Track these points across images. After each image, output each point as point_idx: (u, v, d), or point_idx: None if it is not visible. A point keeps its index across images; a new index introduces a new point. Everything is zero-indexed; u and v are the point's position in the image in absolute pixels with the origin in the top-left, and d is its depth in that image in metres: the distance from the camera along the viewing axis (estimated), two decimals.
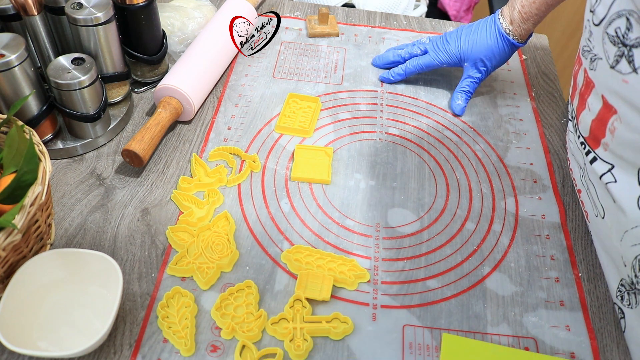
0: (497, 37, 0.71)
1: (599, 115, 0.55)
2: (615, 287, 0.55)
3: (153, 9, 0.70)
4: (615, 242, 0.53)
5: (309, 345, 0.50)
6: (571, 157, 0.65)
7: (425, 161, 0.69)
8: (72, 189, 0.62)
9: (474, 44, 0.72)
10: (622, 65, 0.49)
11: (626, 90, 0.49)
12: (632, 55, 0.48)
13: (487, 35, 0.72)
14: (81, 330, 0.50)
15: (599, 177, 0.55)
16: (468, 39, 0.72)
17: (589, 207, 0.60)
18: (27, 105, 0.60)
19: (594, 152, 0.56)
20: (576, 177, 0.63)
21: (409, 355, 0.50)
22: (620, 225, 0.52)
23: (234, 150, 0.67)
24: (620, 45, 0.49)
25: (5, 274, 0.50)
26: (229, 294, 0.53)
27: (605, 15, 0.52)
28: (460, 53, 0.73)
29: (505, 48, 0.72)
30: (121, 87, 0.70)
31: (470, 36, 0.73)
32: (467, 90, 0.75)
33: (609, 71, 0.51)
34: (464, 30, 0.74)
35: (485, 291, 0.56)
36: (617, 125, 0.51)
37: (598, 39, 0.54)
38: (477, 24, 0.73)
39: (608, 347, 0.53)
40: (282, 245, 0.58)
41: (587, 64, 0.57)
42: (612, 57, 0.51)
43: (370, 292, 0.55)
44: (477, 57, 0.72)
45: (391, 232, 0.60)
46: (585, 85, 0.58)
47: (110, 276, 0.50)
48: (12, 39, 0.57)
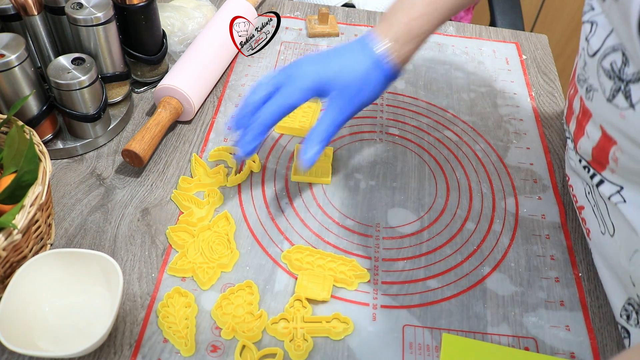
0: (374, 62, 0.53)
1: (600, 144, 0.52)
2: (620, 306, 0.52)
3: (153, 9, 0.70)
4: (624, 261, 0.51)
5: (309, 345, 0.50)
6: (571, 173, 0.61)
7: (425, 161, 0.69)
8: (72, 189, 0.62)
9: (340, 72, 0.53)
10: (619, 100, 0.46)
11: (624, 125, 0.47)
12: (629, 91, 0.45)
13: (360, 59, 0.54)
14: (81, 330, 0.50)
15: (607, 197, 0.52)
16: (332, 67, 0.54)
17: (594, 224, 0.56)
18: (27, 105, 0.60)
19: (600, 174, 0.53)
20: (578, 193, 0.59)
21: (409, 355, 0.50)
22: (631, 244, 0.49)
23: (234, 150, 0.67)
24: (617, 80, 0.47)
25: (5, 274, 0.50)
26: (229, 294, 0.53)
27: (600, 47, 0.50)
28: (322, 80, 0.53)
29: (380, 77, 0.54)
30: (121, 87, 0.70)
31: (337, 60, 0.54)
32: (326, 136, 0.54)
33: (605, 104, 0.49)
34: (326, 55, 0.55)
35: (485, 291, 0.56)
36: (619, 155, 0.49)
37: (593, 71, 0.51)
38: (346, 46, 0.56)
39: (608, 347, 0.53)
40: (282, 245, 0.58)
41: (582, 93, 0.54)
42: (609, 90, 0.48)
43: (370, 292, 0.55)
44: (344, 87, 0.54)
45: (391, 232, 0.60)
46: (583, 113, 0.56)
47: (111, 276, 0.50)
48: (12, 39, 0.57)
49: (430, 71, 0.82)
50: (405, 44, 0.54)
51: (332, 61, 0.54)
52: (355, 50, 0.55)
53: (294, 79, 0.54)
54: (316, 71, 0.54)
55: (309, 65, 0.54)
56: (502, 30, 0.92)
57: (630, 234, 0.49)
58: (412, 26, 0.54)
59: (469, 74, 0.82)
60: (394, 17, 0.55)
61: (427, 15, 0.54)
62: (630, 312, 0.51)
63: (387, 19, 0.55)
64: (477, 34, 0.91)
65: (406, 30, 0.54)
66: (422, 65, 0.83)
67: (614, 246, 0.52)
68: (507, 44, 0.89)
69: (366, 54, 0.54)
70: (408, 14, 0.54)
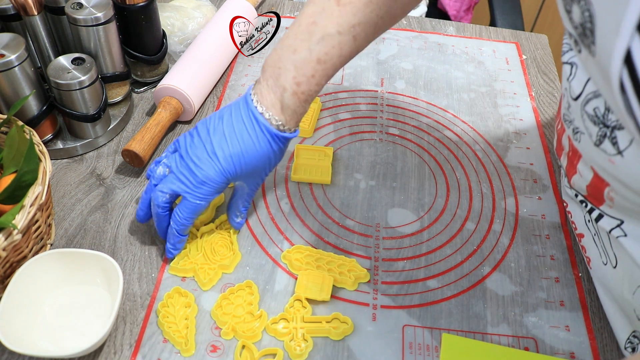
0: (269, 140, 0.49)
1: (593, 183, 0.51)
2: (624, 338, 0.51)
3: (153, 9, 0.70)
4: (627, 294, 0.49)
5: (309, 346, 0.50)
6: (569, 200, 0.59)
7: (425, 161, 0.69)
8: (72, 189, 0.62)
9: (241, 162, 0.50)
10: (607, 146, 0.44)
11: (614, 170, 0.45)
12: (615, 137, 0.43)
13: (256, 141, 0.49)
14: (81, 330, 0.50)
15: (607, 232, 0.50)
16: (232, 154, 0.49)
17: (594, 253, 0.54)
18: (27, 105, 0.60)
19: (598, 209, 0.51)
20: (577, 220, 0.57)
21: (409, 355, 0.50)
22: (634, 278, 0.48)
23: None
24: (602, 126, 0.44)
25: (5, 274, 0.50)
26: (229, 294, 0.53)
27: (581, 92, 0.47)
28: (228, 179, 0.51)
29: (278, 148, 0.51)
30: (121, 87, 0.70)
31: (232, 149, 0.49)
32: (245, 207, 0.57)
33: (593, 148, 0.46)
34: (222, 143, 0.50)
35: (485, 291, 0.56)
36: (614, 196, 0.48)
37: (577, 114, 0.48)
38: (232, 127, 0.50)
39: (608, 347, 0.53)
40: (282, 245, 0.58)
41: (570, 133, 0.52)
42: (595, 135, 0.46)
43: (370, 292, 0.55)
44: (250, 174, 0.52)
45: (391, 232, 0.60)
46: (572, 152, 0.54)
47: (111, 276, 0.50)
48: (12, 39, 0.57)
49: (430, 71, 0.82)
50: (295, 112, 0.50)
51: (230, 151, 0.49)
52: (249, 128, 0.49)
53: (197, 184, 0.50)
54: (220, 172, 0.50)
55: (210, 167, 0.50)
56: (502, 30, 0.92)
57: (633, 268, 0.48)
58: (302, 91, 0.49)
59: (469, 74, 0.82)
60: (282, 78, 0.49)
61: (316, 77, 0.49)
62: (636, 345, 0.49)
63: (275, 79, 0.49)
64: (477, 34, 0.91)
65: (295, 97, 0.49)
66: (422, 65, 0.83)
67: (617, 278, 0.50)
68: (507, 44, 0.89)
69: (259, 133, 0.49)
70: (296, 77, 0.48)
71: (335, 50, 0.48)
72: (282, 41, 0.50)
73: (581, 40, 0.38)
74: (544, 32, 0.94)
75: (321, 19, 0.48)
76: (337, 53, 0.49)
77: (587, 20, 0.36)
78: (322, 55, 0.48)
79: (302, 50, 0.48)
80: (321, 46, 0.48)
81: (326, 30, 0.48)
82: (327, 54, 0.48)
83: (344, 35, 0.48)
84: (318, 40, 0.48)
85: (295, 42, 0.49)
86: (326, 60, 0.49)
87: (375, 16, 0.49)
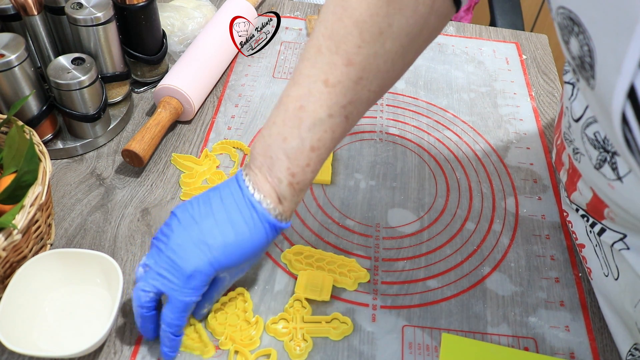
0: (266, 230, 0.46)
1: (592, 202, 0.51)
2: (626, 350, 0.50)
3: (153, 9, 0.70)
4: (628, 307, 0.48)
5: (308, 346, 0.50)
6: (570, 211, 0.58)
7: (425, 161, 0.69)
8: (72, 189, 0.62)
9: (235, 252, 0.45)
10: (606, 171, 0.44)
11: (614, 195, 0.45)
12: (615, 163, 0.43)
13: (252, 230, 0.45)
14: (81, 330, 0.50)
15: (610, 245, 0.50)
16: (224, 246, 0.45)
17: (595, 264, 0.54)
18: (27, 105, 0.60)
19: (600, 223, 0.51)
20: (578, 231, 0.57)
21: (409, 355, 0.50)
22: (636, 291, 0.48)
23: (237, 144, 0.68)
24: (602, 150, 0.44)
25: (5, 274, 0.50)
26: (221, 304, 0.52)
27: (582, 114, 0.47)
28: (218, 273, 0.46)
29: (271, 238, 0.47)
30: (121, 87, 0.70)
31: (225, 238, 0.45)
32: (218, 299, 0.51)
33: (593, 171, 0.46)
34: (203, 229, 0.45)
35: (485, 291, 0.56)
36: (614, 216, 0.48)
37: (577, 135, 0.48)
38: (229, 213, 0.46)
39: (608, 347, 0.53)
40: (282, 245, 0.58)
41: (570, 152, 0.52)
42: (595, 159, 0.45)
43: (370, 292, 0.55)
44: (240, 263, 0.47)
45: (391, 232, 0.60)
46: (573, 170, 0.54)
47: (111, 276, 0.50)
48: (12, 39, 0.57)
49: (430, 71, 0.82)
50: (292, 200, 0.47)
51: (226, 240, 0.45)
52: (247, 218, 0.45)
53: (184, 279, 0.45)
54: (211, 263, 0.45)
55: (197, 257, 0.45)
56: (502, 30, 0.92)
57: (635, 280, 0.48)
58: (298, 181, 0.46)
59: (469, 74, 0.82)
60: (275, 168, 0.45)
61: (311, 165, 0.46)
62: (638, 358, 0.49)
63: (269, 169, 0.45)
64: (477, 34, 0.91)
65: (291, 187, 0.46)
66: (422, 65, 0.83)
67: (618, 290, 0.50)
68: (507, 43, 0.89)
69: (257, 222, 0.45)
70: (290, 168, 0.45)
71: (327, 134, 0.45)
72: (269, 127, 0.46)
73: (579, 72, 0.36)
74: (544, 32, 0.94)
75: (309, 103, 0.44)
76: (329, 137, 0.45)
77: (587, 54, 0.34)
78: (315, 142, 0.45)
79: (292, 139, 0.44)
80: (313, 133, 0.44)
81: (316, 116, 0.44)
82: (320, 140, 0.45)
83: (336, 117, 0.44)
84: (309, 128, 0.44)
85: (285, 129, 0.45)
86: (320, 146, 0.45)
87: (367, 92, 0.45)
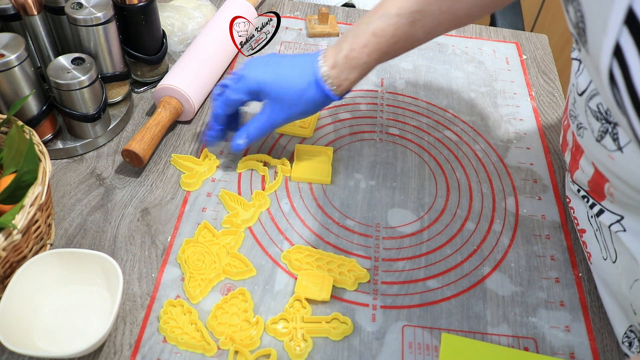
0: (310, 82, 0.56)
1: (593, 179, 0.52)
2: (622, 332, 0.52)
3: (153, 9, 0.70)
4: (624, 289, 0.50)
5: (308, 346, 0.50)
6: (572, 196, 0.60)
7: (425, 161, 0.69)
8: (72, 189, 0.62)
9: (279, 81, 0.57)
10: (607, 142, 0.46)
11: (613, 166, 0.47)
12: (617, 133, 0.44)
13: (300, 75, 0.56)
14: (81, 330, 0.50)
15: (607, 226, 0.52)
16: (273, 76, 0.57)
17: (595, 248, 0.55)
18: (27, 105, 0.60)
19: (599, 204, 0.53)
20: (580, 216, 0.58)
21: (409, 355, 0.50)
22: (632, 273, 0.49)
23: (263, 157, 0.66)
24: (604, 122, 0.46)
25: (5, 274, 0.50)
26: (222, 303, 0.52)
27: (587, 87, 0.49)
28: (260, 86, 0.57)
29: (316, 97, 0.56)
30: (121, 87, 0.70)
31: (280, 70, 0.57)
32: (252, 135, 0.61)
33: (595, 143, 0.48)
34: (275, 59, 0.59)
35: (485, 291, 0.56)
36: (614, 191, 0.49)
37: (581, 109, 0.50)
38: (294, 59, 0.58)
39: (608, 347, 0.53)
40: (282, 245, 0.58)
41: (574, 128, 0.54)
42: (597, 131, 0.47)
43: (370, 292, 0.55)
44: (278, 96, 0.57)
45: (391, 232, 0.60)
46: (576, 147, 0.56)
47: (110, 276, 0.50)
48: (12, 39, 0.57)
49: (430, 71, 0.82)
50: (343, 72, 0.56)
51: (276, 70, 0.57)
52: (302, 65, 0.57)
53: (238, 79, 0.59)
54: (255, 77, 0.57)
55: (254, 70, 0.58)
56: (502, 30, 0.92)
57: (631, 263, 0.49)
58: (352, 56, 0.55)
59: (469, 74, 0.82)
60: (343, 43, 0.56)
61: (368, 47, 0.54)
62: (632, 340, 0.50)
63: (338, 43, 0.56)
64: (477, 34, 0.91)
65: (346, 60, 0.55)
66: (422, 65, 0.83)
67: (615, 273, 0.51)
68: (507, 43, 0.89)
69: (308, 72, 0.56)
70: (352, 44, 0.55)
71: (390, 28, 0.53)
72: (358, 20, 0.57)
73: (579, 39, 0.40)
74: (544, 32, 0.94)
75: (387, 2, 0.54)
76: (391, 32, 0.53)
77: (580, 20, 0.37)
78: (378, 30, 0.54)
79: (363, 23, 0.55)
80: (379, 22, 0.54)
81: (387, 10, 0.54)
82: (383, 30, 0.53)
83: (402, 17, 0.53)
84: (378, 17, 0.54)
85: (363, 18, 0.55)
86: (380, 35, 0.54)
87: (437, 9, 0.53)
